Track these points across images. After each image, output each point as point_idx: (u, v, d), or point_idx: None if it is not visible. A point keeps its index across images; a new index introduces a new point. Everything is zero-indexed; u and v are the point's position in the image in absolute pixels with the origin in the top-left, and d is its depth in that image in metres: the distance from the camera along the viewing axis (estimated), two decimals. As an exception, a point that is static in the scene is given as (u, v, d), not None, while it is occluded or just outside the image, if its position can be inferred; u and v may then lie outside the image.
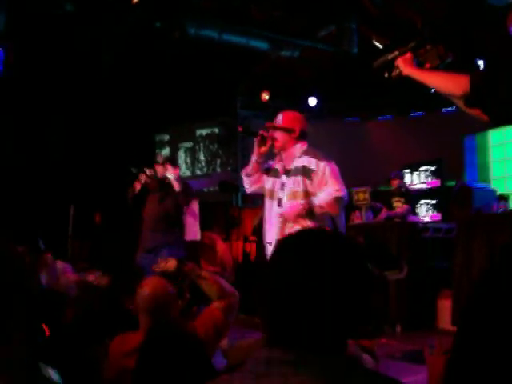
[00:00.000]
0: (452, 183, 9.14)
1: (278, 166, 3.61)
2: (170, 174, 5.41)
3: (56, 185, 9.50)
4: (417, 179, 10.02)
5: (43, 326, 2.18)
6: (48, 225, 8.70)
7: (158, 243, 5.34)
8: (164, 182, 5.57)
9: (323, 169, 3.37)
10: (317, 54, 9.80)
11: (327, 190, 3.34)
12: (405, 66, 2.28)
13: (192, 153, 11.93)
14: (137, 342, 2.06)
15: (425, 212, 9.68)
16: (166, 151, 12.01)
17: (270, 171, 3.65)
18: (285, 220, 3.40)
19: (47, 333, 2.15)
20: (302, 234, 1.23)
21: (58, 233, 8.25)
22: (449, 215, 7.81)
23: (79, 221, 8.41)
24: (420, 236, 6.42)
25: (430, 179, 9.86)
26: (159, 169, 5.60)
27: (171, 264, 2.76)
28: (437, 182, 9.76)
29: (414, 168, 10.04)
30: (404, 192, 7.87)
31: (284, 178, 3.52)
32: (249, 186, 3.72)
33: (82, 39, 8.71)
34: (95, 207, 9.19)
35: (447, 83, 2.11)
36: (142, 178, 5.62)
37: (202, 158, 11.85)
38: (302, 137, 3.56)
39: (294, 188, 3.42)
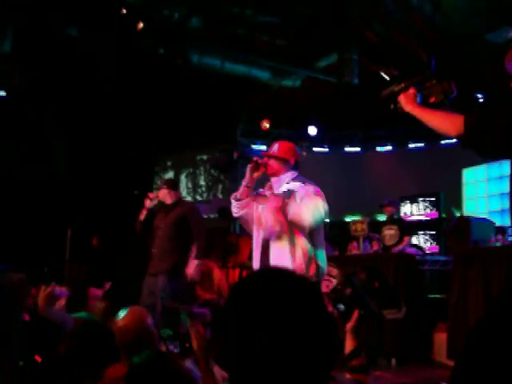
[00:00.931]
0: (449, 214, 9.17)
1: (267, 192, 3.66)
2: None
3: (53, 207, 9.50)
4: (416, 210, 10.02)
5: (35, 355, 2.16)
6: (45, 248, 8.69)
7: (158, 269, 5.27)
8: (166, 206, 5.55)
9: (307, 188, 3.44)
10: (318, 84, 9.90)
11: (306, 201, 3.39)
12: (406, 103, 2.35)
13: (193, 177, 11.95)
14: (120, 374, 2.04)
15: (423, 243, 9.66)
16: (169, 175, 12.03)
17: (259, 197, 3.69)
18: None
19: (39, 361, 2.13)
20: (256, 276, 1.23)
21: (55, 256, 8.22)
22: (446, 247, 7.77)
23: (76, 244, 8.37)
24: (417, 268, 6.39)
25: (428, 211, 9.86)
26: (160, 193, 5.59)
27: (198, 329, 2.33)
28: (435, 214, 9.76)
29: (412, 199, 10.06)
30: (396, 220, 7.82)
31: None
32: (237, 209, 3.75)
33: (86, 64, 8.81)
34: (93, 230, 9.17)
35: (444, 124, 2.16)
36: (147, 203, 5.55)
37: (202, 182, 11.86)
38: (295, 167, 3.65)
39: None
